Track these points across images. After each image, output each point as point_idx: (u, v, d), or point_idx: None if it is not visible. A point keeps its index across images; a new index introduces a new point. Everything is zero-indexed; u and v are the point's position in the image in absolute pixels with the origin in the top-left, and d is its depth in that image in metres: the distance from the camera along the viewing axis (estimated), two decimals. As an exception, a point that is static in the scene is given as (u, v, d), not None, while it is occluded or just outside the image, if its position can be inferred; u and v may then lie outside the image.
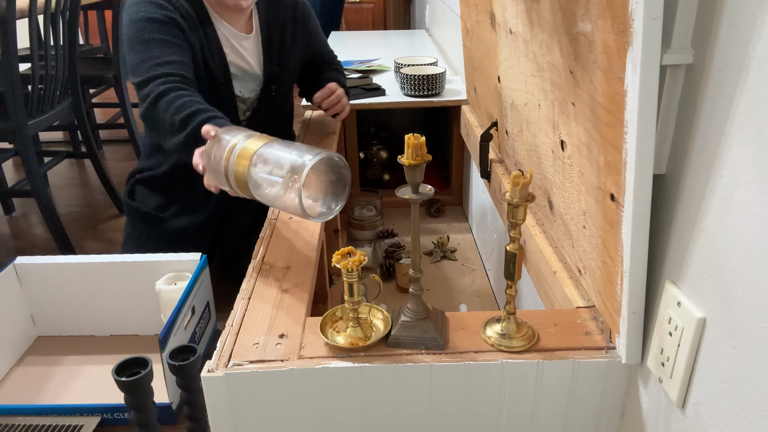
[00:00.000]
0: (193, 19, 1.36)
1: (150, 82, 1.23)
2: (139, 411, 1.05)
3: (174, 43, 1.30)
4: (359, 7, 4.36)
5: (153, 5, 1.31)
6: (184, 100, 1.20)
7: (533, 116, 0.94)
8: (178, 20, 1.32)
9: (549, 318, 0.77)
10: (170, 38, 1.30)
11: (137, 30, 1.29)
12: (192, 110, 1.18)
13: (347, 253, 0.70)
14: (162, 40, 1.28)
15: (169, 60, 1.27)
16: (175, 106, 1.19)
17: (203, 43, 1.38)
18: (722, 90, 0.52)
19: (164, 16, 1.30)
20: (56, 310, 1.56)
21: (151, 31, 1.28)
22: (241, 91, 1.50)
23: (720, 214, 0.53)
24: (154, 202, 1.58)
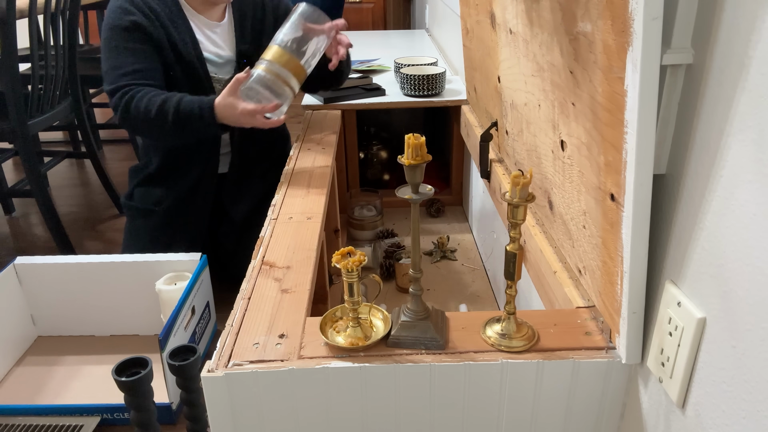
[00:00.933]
0: (161, 16, 1.45)
1: (116, 92, 1.38)
2: (139, 411, 1.05)
3: (138, 49, 1.42)
4: (359, 7, 4.36)
5: (120, 11, 1.42)
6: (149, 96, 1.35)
7: (533, 116, 0.94)
8: (142, 23, 1.42)
9: (549, 318, 0.77)
10: (134, 45, 1.42)
11: (106, 38, 1.43)
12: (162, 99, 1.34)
13: (347, 253, 0.70)
14: (126, 49, 1.41)
15: (134, 69, 1.40)
16: (144, 105, 1.35)
17: (174, 35, 1.46)
18: (722, 90, 0.52)
19: (129, 22, 1.41)
20: (56, 310, 1.56)
21: (117, 39, 1.41)
22: (216, 73, 1.55)
23: (720, 214, 0.53)
24: (152, 198, 1.61)
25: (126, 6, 1.42)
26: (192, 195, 1.61)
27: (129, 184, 1.67)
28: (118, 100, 1.37)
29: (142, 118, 1.35)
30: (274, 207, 1.15)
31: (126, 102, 1.36)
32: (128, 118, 1.38)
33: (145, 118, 1.35)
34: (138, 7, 1.43)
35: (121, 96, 1.37)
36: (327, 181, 1.29)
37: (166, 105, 1.34)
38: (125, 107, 1.36)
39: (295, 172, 1.35)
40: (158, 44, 1.43)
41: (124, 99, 1.36)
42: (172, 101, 1.34)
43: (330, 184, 1.32)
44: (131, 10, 1.41)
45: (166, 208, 1.60)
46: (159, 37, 1.43)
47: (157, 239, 1.60)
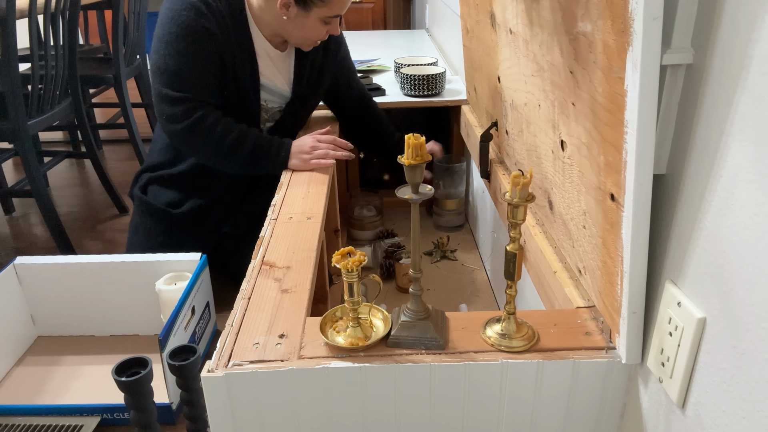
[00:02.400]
0: (230, 30, 1.39)
1: (183, 102, 1.35)
2: (139, 411, 1.05)
3: (204, 60, 1.36)
4: (359, 7, 4.36)
5: (193, 10, 1.34)
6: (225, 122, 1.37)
7: (533, 116, 0.94)
8: (214, 31, 1.36)
9: (549, 318, 0.77)
10: (202, 54, 1.36)
11: (170, 33, 1.35)
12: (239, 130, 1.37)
13: (347, 253, 0.70)
14: (194, 55, 1.35)
15: (199, 81, 1.36)
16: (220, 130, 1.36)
17: (236, 50, 1.41)
18: (722, 90, 0.52)
19: (202, 27, 1.34)
20: (56, 310, 1.56)
21: (185, 41, 1.34)
22: (266, 101, 1.53)
23: (720, 214, 0.53)
24: (167, 198, 1.60)
25: (201, 7, 1.34)
26: (210, 206, 1.61)
27: (141, 177, 1.64)
28: (188, 112, 1.35)
29: (211, 141, 1.36)
30: (274, 207, 1.15)
31: (198, 118, 1.35)
32: (193, 133, 1.37)
33: (216, 142, 1.36)
34: (213, 11, 1.35)
35: (191, 110, 1.35)
36: (327, 181, 1.29)
37: (244, 136, 1.36)
38: (195, 123, 1.35)
39: (294, 172, 1.35)
40: (221, 58, 1.39)
41: (195, 114, 1.35)
42: (251, 135, 1.38)
43: (330, 184, 1.32)
44: (206, 14, 1.34)
45: (183, 213, 1.59)
46: (225, 52, 1.39)
47: (169, 242, 1.59)
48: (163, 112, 1.39)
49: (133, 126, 2.62)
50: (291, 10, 1.35)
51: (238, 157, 1.39)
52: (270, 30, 1.43)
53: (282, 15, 1.36)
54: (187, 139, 1.39)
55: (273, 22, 1.40)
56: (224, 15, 1.38)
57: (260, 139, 1.39)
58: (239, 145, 1.38)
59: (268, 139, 1.40)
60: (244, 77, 1.44)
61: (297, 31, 1.39)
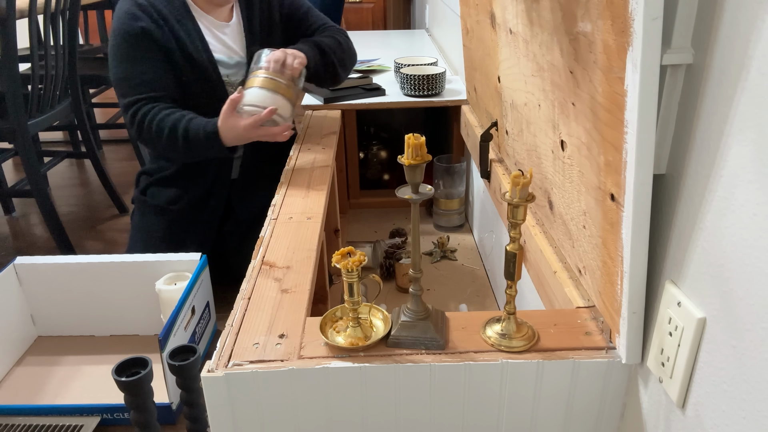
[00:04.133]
0: (170, 20, 1.43)
1: (128, 108, 1.40)
2: (139, 411, 1.05)
3: (147, 58, 1.41)
4: (359, 7, 4.36)
5: (128, 17, 1.40)
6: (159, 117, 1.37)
7: (533, 116, 0.94)
8: (151, 30, 1.40)
9: (549, 318, 0.77)
10: (144, 53, 1.41)
11: (114, 45, 1.41)
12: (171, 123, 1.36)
13: (347, 253, 0.70)
14: (135, 57, 1.40)
15: (144, 80, 1.40)
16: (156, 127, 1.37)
17: (184, 38, 1.44)
18: (722, 90, 0.52)
19: (138, 29, 1.39)
20: (56, 310, 1.56)
21: (126, 47, 1.40)
22: (228, 75, 1.54)
23: (720, 214, 0.53)
24: (165, 197, 1.62)
25: (134, 11, 1.40)
26: (206, 198, 1.62)
27: (140, 182, 1.67)
28: (131, 118, 1.39)
29: (155, 140, 1.39)
30: (274, 207, 1.15)
31: (138, 121, 1.38)
32: (142, 137, 1.42)
33: (157, 139, 1.38)
34: (146, 11, 1.40)
35: (134, 114, 1.38)
36: (327, 181, 1.29)
37: (175, 129, 1.36)
38: (138, 127, 1.39)
39: (295, 172, 1.35)
40: (168, 50, 1.42)
41: (136, 118, 1.38)
42: (181, 126, 1.36)
43: (330, 184, 1.32)
44: (139, 15, 1.39)
45: (180, 209, 1.61)
46: (168, 43, 1.42)
47: (169, 238, 1.61)
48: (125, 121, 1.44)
49: (133, 126, 2.61)
50: None
51: (179, 151, 1.39)
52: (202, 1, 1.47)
53: None
54: (140, 139, 1.43)
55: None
56: (160, 9, 1.42)
57: (189, 131, 1.35)
58: (173, 140, 1.37)
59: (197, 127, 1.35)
60: (198, 59, 1.46)
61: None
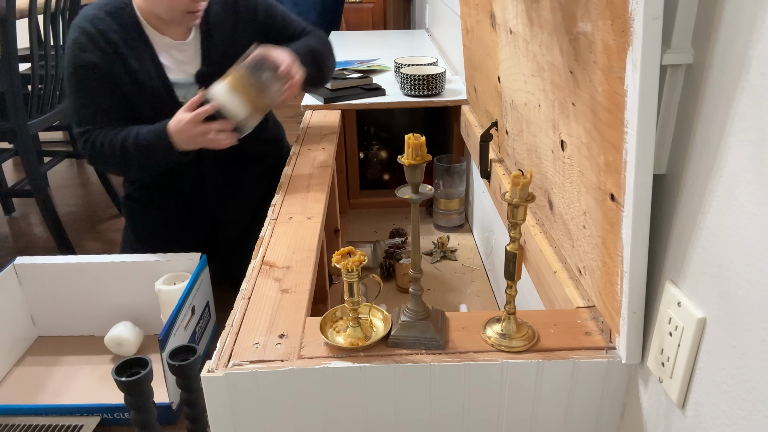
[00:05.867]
0: (120, 47, 1.37)
1: (80, 138, 1.39)
2: (139, 411, 1.05)
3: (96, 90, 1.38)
4: (359, 7, 4.36)
5: (76, 48, 1.37)
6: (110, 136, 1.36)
7: (533, 116, 0.94)
8: (98, 63, 1.36)
9: (549, 318, 0.77)
10: (93, 85, 1.38)
11: (67, 74, 1.40)
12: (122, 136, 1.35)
13: (347, 253, 0.70)
14: (85, 89, 1.38)
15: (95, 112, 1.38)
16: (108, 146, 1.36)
17: (135, 65, 1.39)
18: (722, 90, 0.52)
19: (85, 61, 1.36)
20: (56, 310, 1.56)
21: (76, 78, 1.39)
22: (185, 96, 1.44)
23: (720, 214, 0.53)
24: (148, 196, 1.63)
25: (82, 41, 1.35)
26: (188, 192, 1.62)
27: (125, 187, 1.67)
28: (83, 146, 1.39)
29: (108, 160, 1.38)
30: (274, 207, 1.15)
31: (90, 148, 1.38)
32: (97, 162, 1.43)
33: (110, 158, 1.37)
34: (94, 41, 1.35)
35: (85, 142, 1.39)
36: (327, 181, 1.29)
37: (126, 141, 1.34)
38: (90, 154, 1.39)
39: (295, 172, 1.35)
40: (118, 81, 1.38)
41: (87, 145, 1.38)
42: (131, 136, 1.34)
43: (330, 184, 1.32)
44: (87, 47, 1.35)
45: (163, 205, 1.62)
46: (118, 73, 1.37)
47: (160, 237, 1.61)
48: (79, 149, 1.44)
49: (133, 126, 2.61)
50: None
51: (135, 162, 1.36)
52: (154, 18, 1.40)
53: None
54: (98, 165, 1.45)
55: (151, 8, 1.37)
56: (109, 36, 1.36)
57: (139, 137, 1.34)
58: (126, 151, 1.34)
59: (146, 132, 1.34)
60: (149, 83, 1.41)
61: (161, 4, 1.35)
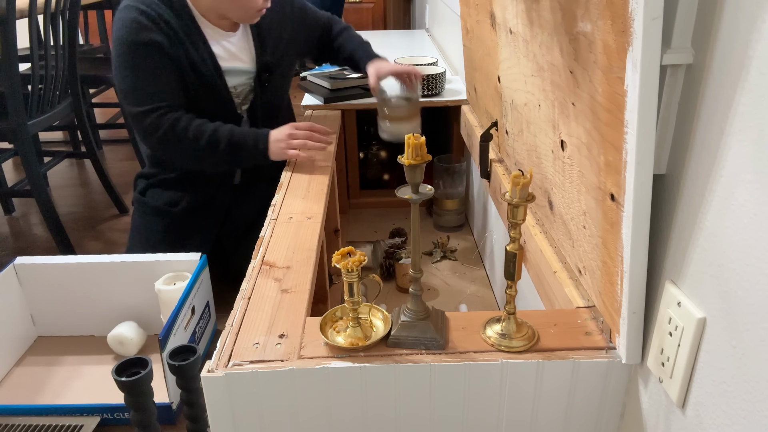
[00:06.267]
0: (177, 31, 1.41)
1: (151, 113, 1.37)
2: (139, 411, 1.05)
3: (159, 70, 1.39)
4: (359, 7, 4.36)
5: (136, 26, 1.37)
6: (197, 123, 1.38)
7: (533, 116, 0.94)
8: (162, 43, 1.38)
9: (549, 318, 0.77)
10: (155, 65, 1.39)
11: (122, 53, 1.38)
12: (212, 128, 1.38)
13: (347, 253, 0.70)
14: (148, 69, 1.38)
15: (160, 90, 1.39)
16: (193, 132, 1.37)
17: (192, 50, 1.42)
18: (722, 90, 0.52)
19: (148, 40, 1.37)
20: (56, 310, 1.56)
21: (137, 57, 1.38)
22: (235, 86, 1.53)
23: (720, 214, 0.53)
24: (165, 198, 1.61)
25: (142, 20, 1.37)
26: (206, 202, 1.62)
27: (138, 183, 1.66)
28: (157, 122, 1.37)
29: (187, 146, 1.39)
30: (274, 207, 1.15)
31: (169, 126, 1.37)
32: (168, 142, 1.39)
33: (191, 144, 1.38)
34: (155, 22, 1.38)
35: (159, 118, 1.37)
36: (327, 181, 1.29)
37: (217, 134, 1.37)
38: (167, 132, 1.37)
39: (295, 172, 1.35)
40: (177, 63, 1.41)
41: (164, 123, 1.37)
42: (224, 130, 1.38)
43: (330, 184, 1.32)
44: (148, 26, 1.37)
45: (181, 210, 1.60)
46: (178, 56, 1.40)
47: (169, 239, 1.60)
48: (137, 129, 1.42)
49: (133, 126, 2.61)
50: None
51: (216, 156, 1.40)
52: (214, 14, 1.44)
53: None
54: (164, 148, 1.42)
55: (212, 5, 1.42)
56: (166, 18, 1.39)
57: (234, 135, 1.39)
58: (215, 143, 1.38)
59: (244, 133, 1.40)
60: (204, 70, 1.45)
61: (234, 4, 1.40)
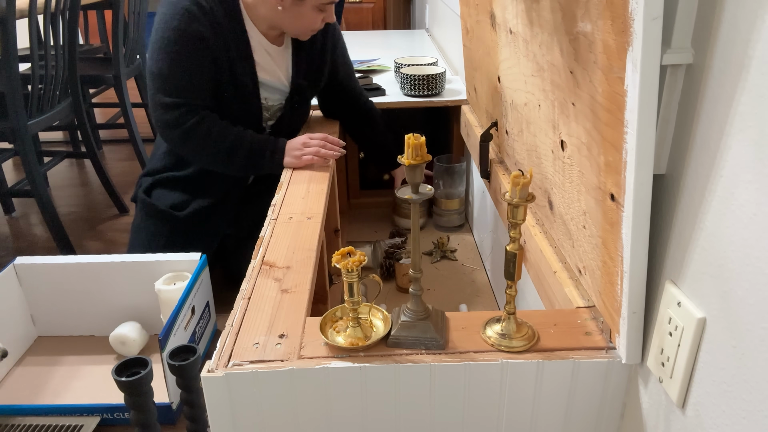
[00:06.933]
0: (225, 31, 1.39)
1: (180, 107, 1.37)
2: (139, 411, 1.05)
3: (198, 63, 1.37)
4: (359, 7, 4.36)
5: (187, 15, 1.34)
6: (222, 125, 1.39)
7: (533, 116, 0.94)
8: (208, 38, 1.36)
9: (549, 318, 0.77)
10: (196, 58, 1.37)
11: (167, 38, 1.35)
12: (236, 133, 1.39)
13: (347, 253, 0.70)
14: (185, 60, 1.36)
15: (193, 84, 1.38)
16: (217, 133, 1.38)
17: (233, 50, 1.41)
18: (722, 90, 0.52)
19: (195, 31, 1.35)
20: (56, 310, 1.56)
21: (177, 46, 1.35)
22: (267, 99, 1.52)
23: (720, 214, 0.53)
24: (170, 201, 1.59)
25: (194, 11, 1.34)
26: (214, 207, 1.60)
27: (143, 182, 1.63)
28: (182, 117, 1.37)
29: (208, 146, 1.39)
30: (274, 207, 1.16)
31: (194, 123, 1.37)
32: (189, 139, 1.39)
33: (213, 146, 1.39)
34: (206, 15, 1.35)
35: (186, 114, 1.37)
36: (327, 181, 1.29)
37: (241, 139, 1.39)
38: (191, 128, 1.37)
39: (295, 172, 1.35)
40: (217, 62, 1.39)
41: (190, 120, 1.37)
42: (247, 137, 1.40)
43: (330, 184, 1.32)
44: (199, 17, 1.34)
45: (186, 215, 1.58)
46: (219, 55, 1.39)
47: (171, 243, 1.58)
48: (158, 118, 1.40)
49: (133, 126, 2.62)
50: (286, 1, 1.35)
51: (235, 161, 1.41)
52: (266, 24, 1.43)
53: (277, 6, 1.36)
54: (183, 144, 1.41)
55: (269, 15, 1.40)
56: (218, 16, 1.37)
57: (255, 142, 1.40)
58: (236, 148, 1.39)
59: (263, 141, 1.41)
60: (242, 76, 1.43)
61: (293, 21, 1.39)
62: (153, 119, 1.42)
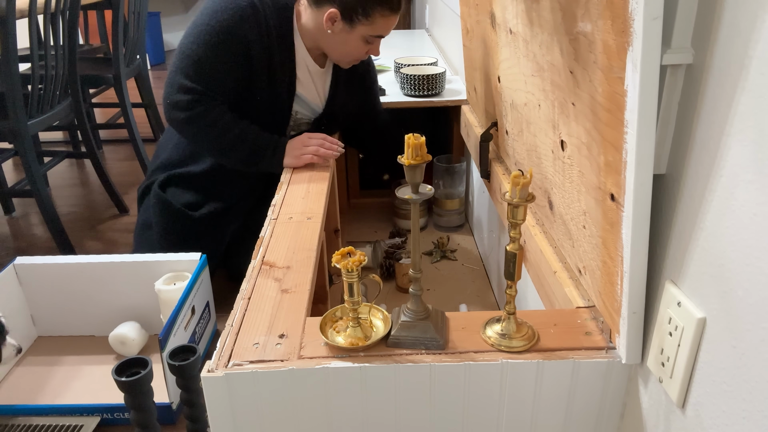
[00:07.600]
0: (273, 39, 1.38)
1: (191, 92, 1.36)
2: (139, 411, 1.05)
3: (228, 64, 1.37)
4: (359, 7, 4.36)
5: (240, 17, 1.33)
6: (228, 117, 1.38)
7: (533, 116, 0.94)
8: (252, 39, 1.35)
9: (549, 318, 0.77)
10: (230, 56, 1.36)
11: (209, 26, 1.34)
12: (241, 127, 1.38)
13: (347, 253, 0.70)
14: (219, 56, 1.35)
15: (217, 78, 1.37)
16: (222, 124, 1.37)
17: (277, 57, 1.41)
18: (722, 90, 0.52)
19: (241, 32, 1.34)
20: (56, 310, 1.56)
21: (217, 39, 1.34)
22: (297, 112, 1.53)
23: (720, 214, 0.53)
24: (186, 200, 1.57)
25: (248, 13, 1.33)
26: (228, 209, 1.60)
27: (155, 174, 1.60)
28: (192, 104, 1.36)
29: (211, 136, 1.39)
30: (274, 207, 1.16)
31: (201, 112, 1.36)
32: (192, 125, 1.39)
33: (216, 134, 1.38)
34: (258, 20, 1.34)
35: (196, 102, 1.36)
36: (327, 181, 1.29)
37: (245, 133, 1.38)
38: (197, 116, 1.37)
39: (295, 172, 1.35)
40: (255, 68, 1.39)
41: (198, 108, 1.36)
42: (251, 131, 1.39)
43: (330, 184, 1.32)
44: (250, 20, 1.33)
45: (201, 216, 1.57)
46: (259, 62, 1.38)
47: (184, 242, 1.57)
48: (169, 96, 1.38)
49: (133, 126, 2.62)
50: (336, 25, 1.35)
51: (236, 153, 1.41)
52: (312, 42, 1.43)
53: (327, 29, 1.36)
54: (186, 126, 1.40)
55: (317, 34, 1.40)
56: (270, 23, 1.37)
57: (258, 139, 1.40)
58: (238, 143, 1.39)
59: (266, 139, 1.41)
60: (281, 85, 1.44)
61: (338, 46, 1.40)
62: (163, 95, 1.41)
